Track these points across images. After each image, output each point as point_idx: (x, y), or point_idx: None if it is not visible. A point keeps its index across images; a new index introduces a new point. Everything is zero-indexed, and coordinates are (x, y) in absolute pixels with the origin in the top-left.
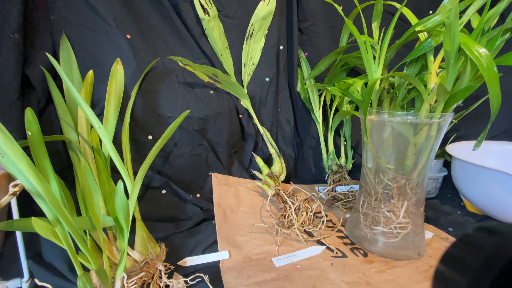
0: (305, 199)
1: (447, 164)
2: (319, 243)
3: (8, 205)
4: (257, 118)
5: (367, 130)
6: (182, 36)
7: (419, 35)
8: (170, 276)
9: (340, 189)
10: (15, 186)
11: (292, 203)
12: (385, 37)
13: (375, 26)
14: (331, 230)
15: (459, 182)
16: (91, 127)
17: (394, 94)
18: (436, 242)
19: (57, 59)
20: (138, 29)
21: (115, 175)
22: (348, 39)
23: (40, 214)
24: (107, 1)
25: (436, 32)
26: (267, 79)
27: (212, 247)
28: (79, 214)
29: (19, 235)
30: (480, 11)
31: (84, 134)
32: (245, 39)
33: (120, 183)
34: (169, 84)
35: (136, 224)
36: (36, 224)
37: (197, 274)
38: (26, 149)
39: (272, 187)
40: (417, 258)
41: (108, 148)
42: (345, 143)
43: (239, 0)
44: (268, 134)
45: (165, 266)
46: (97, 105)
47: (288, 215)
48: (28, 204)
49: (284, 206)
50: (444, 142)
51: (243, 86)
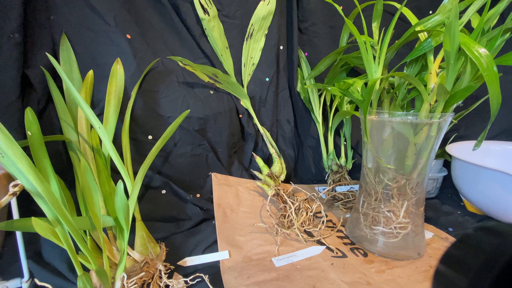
0: (305, 199)
1: (447, 164)
2: (319, 243)
3: (8, 205)
4: (257, 118)
5: (367, 130)
6: (182, 36)
7: (419, 35)
8: (170, 276)
9: (340, 189)
10: (15, 186)
11: (292, 203)
12: (385, 37)
13: (375, 26)
14: (331, 230)
15: (459, 182)
16: (91, 127)
17: (394, 94)
18: (436, 242)
19: (57, 59)
20: (138, 29)
21: (115, 175)
22: (348, 39)
23: (40, 214)
24: (107, 1)
25: (436, 32)
26: (267, 79)
27: (212, 247)
28: (79, 214)
29: (19, 235)
30: (480, 11)
31: (84, 134)
32: (245, 39)
33: (120, 183)
34: (169, 84)
35: (136, 224)
36: (36, 224)
37: (197, 274)
38: (26, 149)
39: (272, 187)
40: (417, 258)
41: (108, 148)
42: (345, 143)
43: (239, 0)
44: (268, 134)
45: (165, 266)
46: (97, 105)
47: (288, 215)
48: (28, 204)
49: (284, 206)
50: (444, 142)
51: (243, 86)
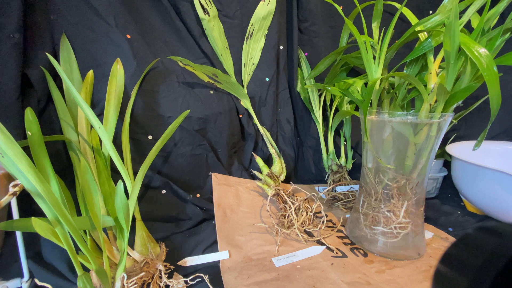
0: (305, 199)
1: (447, 164)
2: (319, 243)
3: (8, 205)
4: (257, 118)
5: (367, 130)
6: (182, 36)
7: (419, 35)
8: (170, 276)
9: (340, 189)
10: (15, 186)
11: (292, 203)
12: (385, 37)
13: (375, 26)
14: (331, 230)
15: (459, 182)
16: (91, 127)
17: (394, 94)
18: (436, 242)
19: (57, 59)
20: (138, 29)
21: (115, 175)
22: (348, 39)
23: (40, 214)
24: (107, 1)
25: (436, 32)
26: (267, 79)
27: (212, 247)
28: (79, 214)
29: (19, 235)
30: (480, 11)
31: (84, 134)
32: (245, 39)
33: (120, 183)
34: (169, 84)
35: (136, 224)
36: (36, 224)
37: (197, 274)
38: (26, 149)
39: (272, 187)
40: (417, 258)
41: (108, 148)
42: (345, 143)
43: (239, 0)
44: (268, 134)
45: (165, 266)
46: (97, 105)
47: (288, 215)
48: (28, 204)
49: (284, 206)
50: (444, 142)
51: (243, 86)
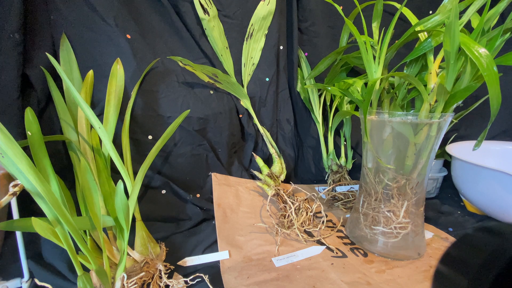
0: (305, 199)
1: (447, 164)
2: (319, 243)
3: (8, 205)
4: (257, 118)
5: (367, 130)
6: (182, 36)
7: (419, 35)
8: (170, 276)
9: (340, 189)
10: (15, 186)
11: (292, 203)
12: (385, 37)
13: (375, 26)
14: (331, 230)
15: (459, 182)
16: (91, 127)
17: (394, 94)
18: (436, 242)
19: (57, 59)
20: (138, 29)
21: (115, 175)
22: (348, 39)
23: (40, 214)
24: (107, 1)
25: (436, 32)
26: (267, 79)
27: (212, 247)
28: (79, 214)
29: (19, 235)
30: (480, 11)
31: (84, 134)
32: (245, 39)
33: (120, 183)
34: (169, 84)
35: (136, 224)
36: (36, 224)
37: (197, 274)
38: (26, 149)
39: (272, 187)
40: (417, 258)
41: (108, 148)
42: (345, 143)
43: (239, 0)
44: (268, 134)
45: (165, 266)
46: (97, 105)
47: (288, 215)
48: (28, 204)
49: (284, 206)
50: (444, 142)
51: (243, 86)
